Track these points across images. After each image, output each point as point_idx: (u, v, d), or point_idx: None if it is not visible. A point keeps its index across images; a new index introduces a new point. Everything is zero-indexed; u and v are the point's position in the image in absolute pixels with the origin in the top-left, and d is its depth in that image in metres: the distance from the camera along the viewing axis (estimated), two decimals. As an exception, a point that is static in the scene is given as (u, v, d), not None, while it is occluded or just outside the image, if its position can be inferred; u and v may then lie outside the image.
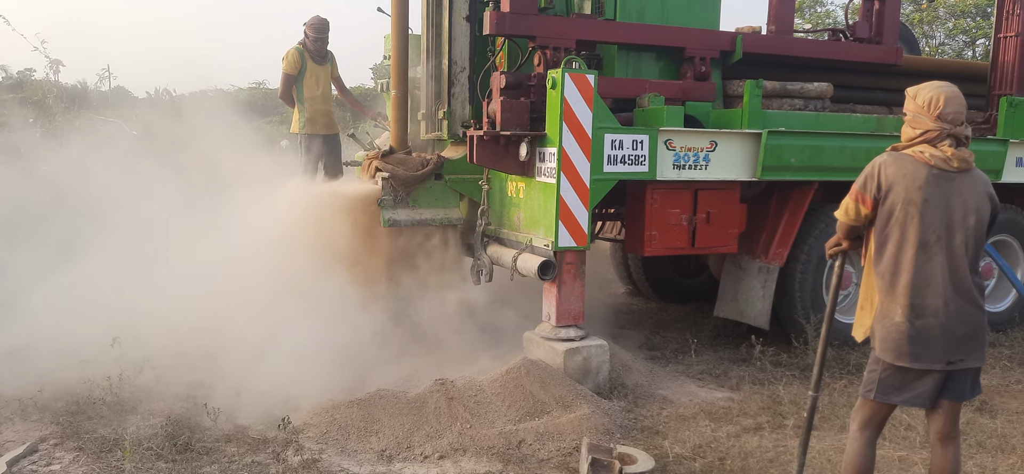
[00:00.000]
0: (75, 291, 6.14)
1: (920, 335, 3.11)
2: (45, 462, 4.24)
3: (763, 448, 4.52)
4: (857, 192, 3.26)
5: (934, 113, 3.13)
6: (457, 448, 4.41)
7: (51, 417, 4.75)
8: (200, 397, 4.79)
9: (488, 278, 6.03)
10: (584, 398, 4.89)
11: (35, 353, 5.51)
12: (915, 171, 3.11)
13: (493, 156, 5.47)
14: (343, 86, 8.28)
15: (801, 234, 6.22)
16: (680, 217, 5.78)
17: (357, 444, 4.48)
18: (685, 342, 6.49)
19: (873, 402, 3.30)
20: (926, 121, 3.15)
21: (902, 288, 3.13)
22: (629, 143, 5.37)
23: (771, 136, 5.76)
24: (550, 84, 5.20)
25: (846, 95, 6.91)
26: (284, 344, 5.50)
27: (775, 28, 6.50)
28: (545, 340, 5.40)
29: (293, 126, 7.97)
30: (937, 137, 3.12)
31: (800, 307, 6.27)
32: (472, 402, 4.74)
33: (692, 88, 6.10)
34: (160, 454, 4.25)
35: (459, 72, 6.06)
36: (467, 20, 6.03)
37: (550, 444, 4.45)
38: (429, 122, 6.43)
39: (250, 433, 4.59)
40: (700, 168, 5.67)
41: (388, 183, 5.87)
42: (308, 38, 7.81)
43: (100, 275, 6.23)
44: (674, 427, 4.81)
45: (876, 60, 6.75)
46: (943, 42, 20.51)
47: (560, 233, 5.23)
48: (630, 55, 6.14)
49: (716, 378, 5.84)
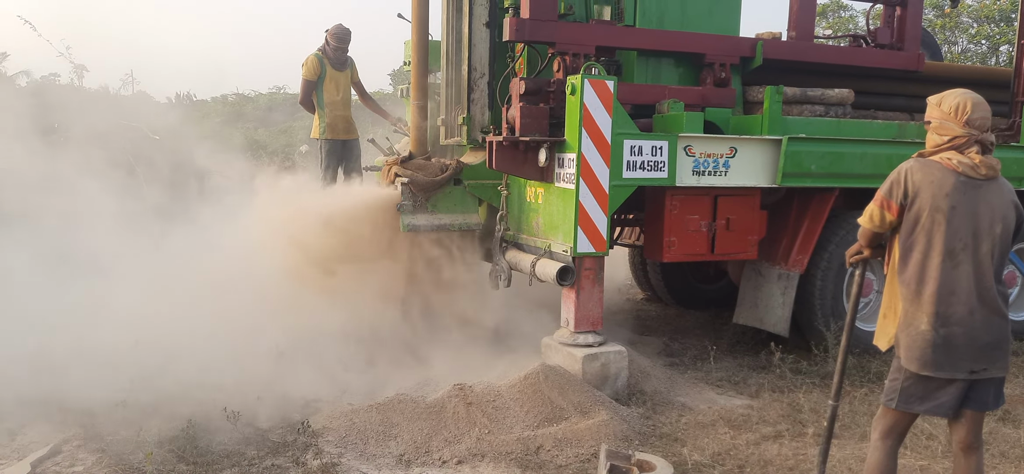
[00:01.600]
0: (97, 294, 6.21)
1: (945, 344, 3.08)
2: (68, 463, 4.28)
3: (783, 456, 4.49)
4: (882, 198, 3.24)
5: (962, 119, 3.11)
6: (475, 453, 4.42)
7: (74, 419, 4.79)
8: (220, 400, 4.83)
9: (507, 283, 6.03)
10: (602, 404, 4.88)
11: (58, 356, 5.57)
12: (942, 178, 3.09)
13: (512, 162, 5.48)
14: (363, 91, 8.33)
15: (822, 241, 6.18)
16: (699, 223, 5.76)
17: (376, 448, 4.50)
18: (703, 349, 6.46)
19: (895, 411, 3.28)
20: (954, 127, 3.13)
21: (928, 296, 3.10)
22: (648, 149, 5.37)
23: (791, 142, 5.73)
24: (569, 90, 5.20)
25: (867, 101, 6.86)
26: (303, 348, 5.54)
27: (796, 34, 6.47)
28: (563, 346, 5.40)
29: (313, 131, 8.02)
30: (965, 144, 3.09)
31: (820, 314, 6.23)
32: (490, 407, 4.74)
33: (712, 94, 6.08)
34: (181, 456, 4.29)
35: (479, 78, 6.08)
36: (487, 26, 6.05)
37: (568, 450, 4.45)
38: (448, 128, 6.45)
39: (270, 437, 4.62)
40: (720, 174, 5.65)
41: (407, 188, 5.90)
42: (329, 45, 7.86)
43: (122, 278, 6.30)
44: (693, 434, 4.79)
45: (898, 66, 6.70)
46: (966, 48, 20.33)
47: (579, 239, 5.22)
48: (649, 61, 6.13)
49: (735, 385, 5.81)
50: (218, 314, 5.99)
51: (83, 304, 6.09)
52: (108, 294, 6.17)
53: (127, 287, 6.22)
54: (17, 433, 4.67)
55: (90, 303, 6.08)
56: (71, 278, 6.41)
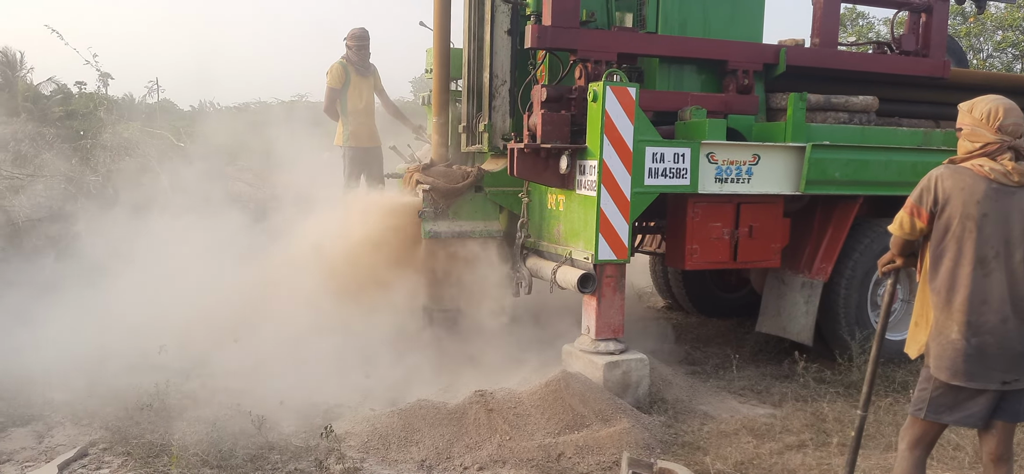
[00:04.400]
0: (123, 299, 6.29)
1: (977, 353, 3.05)
2: (95, 466, 4.34)
3: (807, 466, 4.45)
4: (912, 205, 3.21)
5: (994, 125, 3.08)
6: (496, 460, 4.41)
7: (100, 422, 4.85)
8: (244, 405, 4.86)
9: (527, 290, 6.03)
10: (624, 412, 4.86)
11: (85, 360, 5.64)
12: (973, 184, 3.05)
13: (533, 169, 5.49)
14: (386, 98, 8.38)
15: (846, 249, 6.13)
16: (722, 231, 5.73)
17: (397, 454, 4.50)
18: (725, 357, 6.42)
19: (923, 421, 3.24)
20: (986, 134, 3.10)
21: (958, 305, 3.07)
22: (670, 156, 5.35)
23: (815, 150, 5.69)
24: (591, 97, 5.20)
25: (892, 108, 6.80)
26: (326, 354, 5.57)
27: (819, 41, 6.43)
28: (584, 353, 5.39)
29: (337, 139, 8.08)
30: (997, 150, 3.06)
31: (844, 323, 6.17)
32: (511, 414, 4.74)
33: (734, 101, 6.05)
34: (206, 460, 4.32)
35: (500, 85, 6.09)
36: (508, 33, 6.06)
37: (590, 458, 4.43)
38: (469, 135, 6.47)
39: (293, 441, 4.64)
40: (742, 181, 5.62)
41: (429, 195, 5.92)
42: (350, 50, 7.92)
43: (148, 284, 6.37)
44: (715, 443, 4.76)
45: (923, 73, 6.63)
46: (991, 55, 20.09)
47: (600, 246, 5.21)
48: (672, 68, 6.12)
49: (758, 394, 5.77)
50: (241, 320, 6.04)
51: (109, 309, 6.17)
52: (133, 299, 6.25)
53: (152, 293, 6.29)
54: (45, 435, 4.74)
55: (116, 308, 6.16)
56: (97, 284, 6.50)
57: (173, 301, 6.15)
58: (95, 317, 6.09)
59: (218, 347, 5.84)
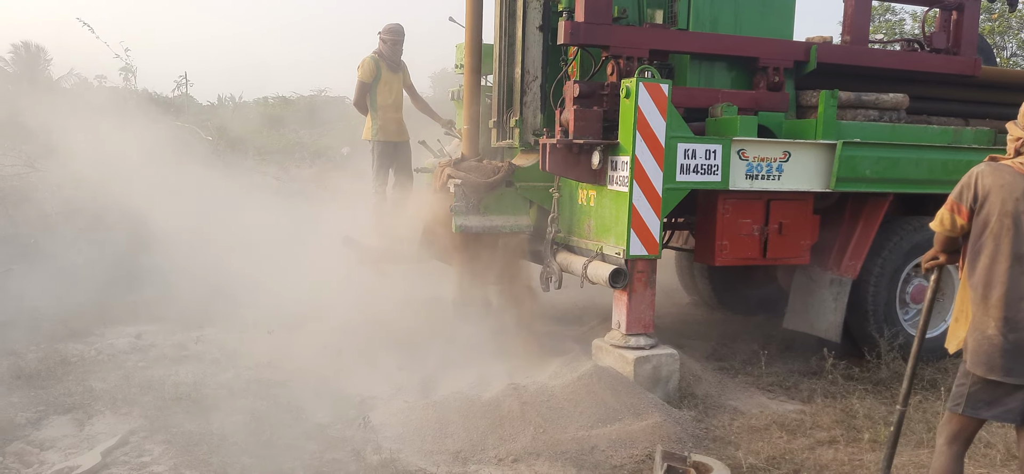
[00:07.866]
0: (161, 291, 6.39)
1: (1013, 349, 3.06)
2: (136, 453, 4.41)
3: (839, 461, 4.47)
4: (953, 202, 3.23)
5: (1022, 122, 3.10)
6: (531, 452, 4.45)
7: (140, 411, 4.93)
8: (281, 396, 4.93)
9: (557, 285, 6.07)
10: (655, 406, 4.90)
11: (123, 349, 5.74)
12: (1013, 182, 3.07)
13: (565, 164, 5.52)
14: (415, 93, 8.42)
15: (875, 246, 6.12)
16: (752, 227, 5.74)
17: (432, 445, 4.55)
18: (753, 353, 6.43)
19: (961, 416, 3.25)
20: (1019, 131, 3.12)
21: (995, 301, 3.08)
22: (702, 153, 5.37)
23: (846, 147, 5.69)
24: (624, 93, 5.23)
25: (922, 106, 6.77)
26: (361, 347, 5.63)
27: (850, 38, 6.42)
28: (615, 348, 5.42)
29: (365, 133, 8.13)
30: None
31: (873, 320, 6.17)
32: (544, 407, 4.78)
33: (765, 98, 6.06)
34: (244, 449, 4.40)
35: (532, 81, 6.13)
36: (540, 30, 6.09)
37: (623, 451, 4.47)
38: (500, 130, 6.51)
39: (329, 432, 4.71)
40: (773, 178, 5.63)
41: (461, 190, 5.97)
42: (384, 44, 7.96)
43: (185, 275, 6.47)
44: (746, 438, 4.78)
45: (954, 71, 6.60)
46: (1015, 53, 19.88)
47: (632, 241, 5.24)
48: (702, 65, 6.13)
49: (786, 390, 5.78)
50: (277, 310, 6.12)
51: (147, 301, 6.27)
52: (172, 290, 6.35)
53: (191, 282, 6.38)
54: (85, 423, 4.82)
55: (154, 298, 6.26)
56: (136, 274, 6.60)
57: (208, 291, 6.24)
58: (132, 308, 6.19)
59: (253, 338, 5.93)
